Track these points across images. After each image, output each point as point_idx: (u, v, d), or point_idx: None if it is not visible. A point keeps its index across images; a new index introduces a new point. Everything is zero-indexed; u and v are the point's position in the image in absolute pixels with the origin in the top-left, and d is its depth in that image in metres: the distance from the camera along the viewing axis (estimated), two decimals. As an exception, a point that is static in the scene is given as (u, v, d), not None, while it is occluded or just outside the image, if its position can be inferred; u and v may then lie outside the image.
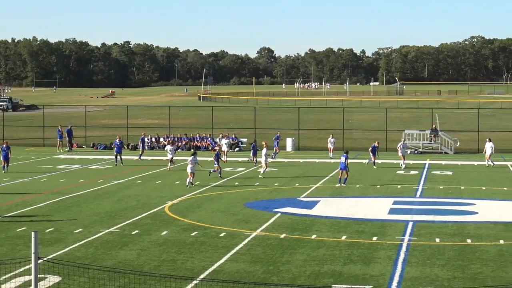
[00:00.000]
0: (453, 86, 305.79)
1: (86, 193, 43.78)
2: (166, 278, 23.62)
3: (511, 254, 28.23)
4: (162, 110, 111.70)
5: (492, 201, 41.94)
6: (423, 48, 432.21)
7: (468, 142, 74.77)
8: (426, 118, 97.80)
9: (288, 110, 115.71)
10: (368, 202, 40.81)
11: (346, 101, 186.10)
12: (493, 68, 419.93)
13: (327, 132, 78.26)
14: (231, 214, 36.77)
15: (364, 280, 24.52)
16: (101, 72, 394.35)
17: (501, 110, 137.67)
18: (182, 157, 64.84)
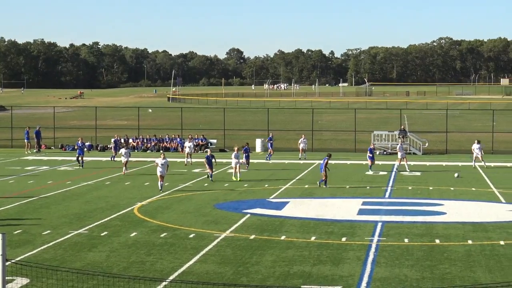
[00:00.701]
0: (421, 87, 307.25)
1: (54, 194, 43.59)
2: (135, 279, 23.59)
3: (479, 254, 28.40)
4: (131, 111, 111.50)
5: (460, 201, 42.14)
6: (391, 49, 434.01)
7: (436, 143, 75.20)
8: (394, 119, 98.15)
9: (258, 111, 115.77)
10: (337, 203, 40.91)
11: (315, 102, 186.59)
12: (461, 69, 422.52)
13: (296, 132, 78.53)
14: (201, 215, 36.75)
15: (334, 280, 24.57)
16: (70, 73, 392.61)
17: (469, 111, 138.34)
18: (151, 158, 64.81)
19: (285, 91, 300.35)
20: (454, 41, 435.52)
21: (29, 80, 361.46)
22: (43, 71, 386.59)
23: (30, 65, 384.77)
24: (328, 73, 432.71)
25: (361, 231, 32.98)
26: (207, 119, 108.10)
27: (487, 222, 35.34)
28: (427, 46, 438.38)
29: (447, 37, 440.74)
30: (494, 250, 29.21)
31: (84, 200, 41.31)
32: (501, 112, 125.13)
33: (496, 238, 31.40)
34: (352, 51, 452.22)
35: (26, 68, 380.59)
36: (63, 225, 33.91)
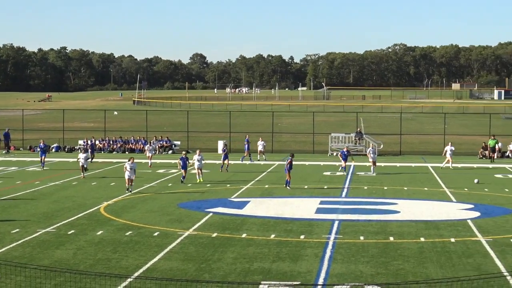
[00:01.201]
0: (377, 91, 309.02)
1: (23, 194, 43.32)
2: (101, 276, 23.50)
3: (431, 251, 28.59)
4: (98, 114, 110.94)
5: (413, 200, 42.38)
6: (348, 55, 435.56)
7: (391, 145, 75.59)
8: (351, 122, 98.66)
9: (220, 114, 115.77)
10: (296, 202, 40.97)
11: (275, 105, 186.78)
12: (414, 74, 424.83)
13: (257, 135, 78.47)
14: (165, 214, 36.69)
15: (292, 276, 24.63)
16: (38, 77, 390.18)
17: (422, 114, 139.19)
18: (117, 159, 64.62)
19: (247, 95, 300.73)
20: (408, 48, 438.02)
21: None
22: (12, 74, 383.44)
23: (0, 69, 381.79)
24: (288, 77, 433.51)
25: (318, 229, 33.07)
26: (171, 122, 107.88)
27: (439, 220, 35.58)
28: (382, 52, 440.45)
29: (402, 44, 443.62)
30: (445, 247, 29.42)
31: (52, 200, 41.07)
32: (452, 115, 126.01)
33: (447, 236, 31.62)
34: (311, 56, 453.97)
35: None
36: (31, 223, 33.71)
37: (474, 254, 28.14)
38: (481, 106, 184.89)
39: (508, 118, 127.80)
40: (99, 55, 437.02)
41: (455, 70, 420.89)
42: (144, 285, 23.35)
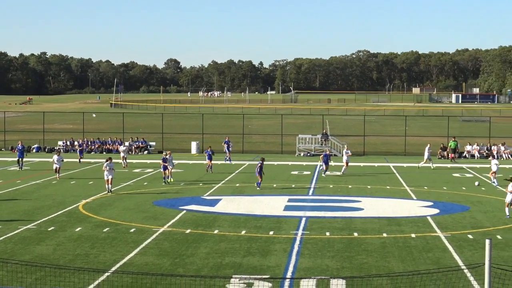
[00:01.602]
0: (341, 95, 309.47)
1: (5, 192, 43.06)
2: (80, 270, 23.39)
3: (392, 246, 28.71)
4: (77, 116, 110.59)
5: (376, 198, 42.52)
6: (315, 60, 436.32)
7: (355, 145, 75.75)
8: (317, 124, 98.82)
9: (193, 117, 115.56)
10: (265, 200, 41.00)
11: (246, 108, 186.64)
12: (377, 79, 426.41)
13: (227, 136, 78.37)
14: (141, 212, 36.61)
15: (262, 270, 24.64)
16: (19, 81, 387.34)
17: (384, 117, 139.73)
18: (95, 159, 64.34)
19: (218, 98, 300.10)
20: (371, 54, 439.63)
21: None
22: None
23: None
24: (257, 82, 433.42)
25: (287, 225, 33.11)
26: (146, 124, 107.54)
27: (400, 217, 35.74)
28: (347, 58, 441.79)
29: (365, 50, 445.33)
30: (406, 242, 29.55)
31: (33, 198, 40.85)
32: (413, 118, 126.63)
33: (408, 231, 31.76)
34: (279, 62, 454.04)
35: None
36: (13, 221, 33.50)
37: (434, 249, 28.28)
38: (440, 109, 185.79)
39: (465, 121, 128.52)
40: (78, 60, 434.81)
41: (415, 75, 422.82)
42: (121, 279, 23.26)
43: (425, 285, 22.59)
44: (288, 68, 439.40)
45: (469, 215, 36.38)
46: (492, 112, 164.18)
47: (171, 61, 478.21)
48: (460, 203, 40.53)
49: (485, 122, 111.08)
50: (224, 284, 22.79)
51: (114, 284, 22.69)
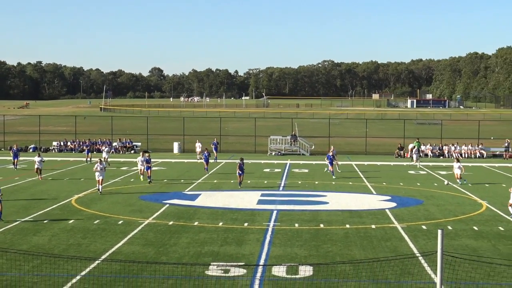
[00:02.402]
0: (309, 100, 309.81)
1: (4, 188, 42.55)
2: (73, 259, 23.31)
3: (355, 236, 28.78)
4: (69, 119, 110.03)
5: (340, 193, 42.57)
6: (285, 69, 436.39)
7: (321, 145, 75.86)
8: (287, 126, 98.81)
9: (175, 120, 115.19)
10: (240, 195, 40.95)
11: (223, 112, 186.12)
12: (340, 86, 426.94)
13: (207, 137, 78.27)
14: (128, 205, 36.48)
15: (237, 258, 24.63)
16: (17, 87, 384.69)
17: (347, 120, 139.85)
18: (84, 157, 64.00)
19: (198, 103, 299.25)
20: (335, 63, 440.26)
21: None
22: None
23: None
24: (233, 88, 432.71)
25: (260, 217, 33.10)
26: (133, 126, 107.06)
27: (361, 210, 35.83)
28: (314, 67, 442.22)
29: (330, 60, 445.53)
30: (367, 232, 29.64)
31: (30, 193, 40.60)
32: (373, 121, 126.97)
33: (368, 223, 31.86)
34: (253, 70, 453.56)
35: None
36: (11, 214, 33.29)
37: (391, 238, 28.39)
38: (397, 113, 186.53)
39: (420, 124, 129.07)
40: (70, 68, 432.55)
41: (375, 83, 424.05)
42: (110, 266, 23.20)
43: (384, 271, 22.68)
44: (261, 76, 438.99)
45: (423, 208, 36.54)
46: (443, 116, 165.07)
47: (155, 69, 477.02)
48: (415, 197, 40.70)
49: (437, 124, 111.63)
50: (204, 271, 22.75)
51: (104, 271, 22.62)
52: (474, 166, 61.32)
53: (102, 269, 22.88)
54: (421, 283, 21.45)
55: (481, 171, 56.82)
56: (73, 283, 21.11)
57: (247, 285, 21.16)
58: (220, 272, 22.67)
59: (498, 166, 61.56)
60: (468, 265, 22.71)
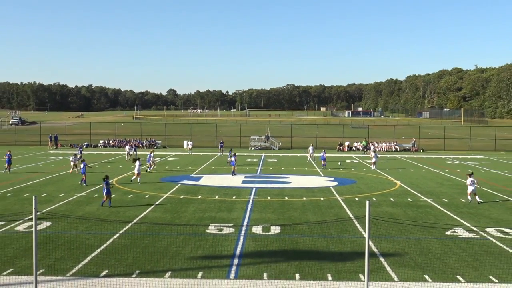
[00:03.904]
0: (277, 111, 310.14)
1: (66, 174, 42.43)
2: (114, 222, 23.22)
3: (309, 205, 28.82)
4: (111, 125, 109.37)
5: (299, 176, 42.63)
6: (260, 90, 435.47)
7: (286, 143, 75.91)
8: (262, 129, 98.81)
9: (185, 125, 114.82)
10: (230, 177, 40.89)
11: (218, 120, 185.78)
12: (299, 102, 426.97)
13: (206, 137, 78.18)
14: (152, 184, 36.32)
15: (228, 221, 24.60)
16: (75, 102, 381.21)
17: (304, 125, 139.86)
18: (123, 152, 63.59)
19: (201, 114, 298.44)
20: (295, 86, 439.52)
21: (51, 107, 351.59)
22: (59, 101, 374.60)
23: (51, 97, 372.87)
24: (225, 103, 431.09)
25: (244, 193, 33.07)
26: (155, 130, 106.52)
27: (314, 187, 35.89)
28: (281, 88, 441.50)
29: (291, 84, 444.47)
30: (317, 202, 29.68)
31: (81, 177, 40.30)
32: (321, 125, 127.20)
33: (318, 196, 31.90)
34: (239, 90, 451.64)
35: (49, 99, 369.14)
36: (71, 191, 33.07)
37: (334, 207, 28.45)
38: (338, 120, 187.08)
39: (354, 127, 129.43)
40: (112, 89, 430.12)
41: (323, 99, 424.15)
42: (140, 227, 23.11)
43: (329, 229, 22.72)
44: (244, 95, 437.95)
45: (356, 186, 36.66)
46: (369, 122, 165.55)
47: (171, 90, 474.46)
48: (350, 178, 40.82)
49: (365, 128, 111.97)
50: (205, 230, 22.70)
51: (136, 230, 22.51)
52: (391, 157, 61.63)
53: (134, 229, 22.77)
54: (355, 237, 21.52)
55: (395, 161, 57.09)
56: (114, 239, 21.00)
57: (235, 239, 21.13)
58: (216, 230, 22.63)
59: (407, 157, 61.88)
60: (387, 225, 22.83)
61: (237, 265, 17.92)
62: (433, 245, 20.52)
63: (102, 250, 19.50)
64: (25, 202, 29.14)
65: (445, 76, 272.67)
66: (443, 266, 18.06)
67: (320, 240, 21.06)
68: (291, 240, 21.06)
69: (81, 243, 20.30)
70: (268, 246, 20.18)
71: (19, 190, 33.31)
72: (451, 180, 39.99)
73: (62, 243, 20.32)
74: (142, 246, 20.07)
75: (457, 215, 26.58)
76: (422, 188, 35.75)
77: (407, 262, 18.39)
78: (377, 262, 18.20)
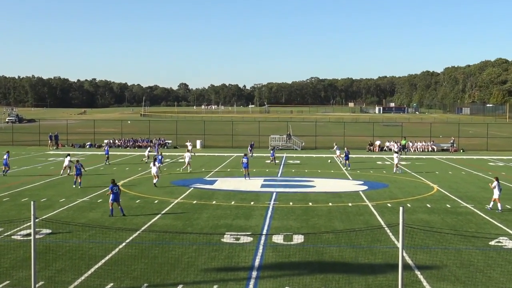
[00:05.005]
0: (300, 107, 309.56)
1: (67, 176, 42.70)
2: (120, 229, 23.32)
3: (336, 212, 28.73)
4: (117, 123, 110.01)
5: (324, 179, 42.52)
6: (281, 84, 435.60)
7: (309, 142, 75.77)
8: (283, 127, 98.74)
9: (198, 123, 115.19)
10: (247, 181, 40.89)
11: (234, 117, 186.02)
12: (324, 97, 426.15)
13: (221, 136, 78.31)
14: (162, 188, 36.45)
15: (246, 229, 24.60)
16: (77, 98, 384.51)
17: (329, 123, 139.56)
18: (130, 152, 63.97)
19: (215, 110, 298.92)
20: (320, 79, 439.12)
21: (51, 103, 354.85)
22: (59, 96, 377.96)
23: (51, 93, 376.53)
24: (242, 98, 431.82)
25: (263, 198, 33.07)
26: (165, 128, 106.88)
27: (341, 192, 35.78)
28: (304, 82, 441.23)
29: (316, 77, 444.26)
30: (345, 209, 29.58)
31: (86, 179, 40.44)
32: (349, 123, 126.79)
33: (346, 202, 31.81)
34: (257, 85, 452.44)
35: (49, 95, 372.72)
36: (72, 195, 33.32)
37: (364, 213, 28.34)
38: (367, 117, 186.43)
39: (385, 125, 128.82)
40: (118, 84, 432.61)
41: (351, 94, 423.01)
42: (148, 235, 23.19)
43: (358, 238, 22.63)
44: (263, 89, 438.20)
45: (388, 190, 36.48)
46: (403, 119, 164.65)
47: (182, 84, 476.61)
48: (382, 182, 40.64)
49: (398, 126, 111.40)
50: (220, 239, 22.72)
51: (144, 239, 22.60)
52: (427, 158, 61.24)
53: (142, 238, 22.86)
54: (387, 247, 21.39)
55: (432, 162, 56.70)
56: (120, 248, 21.10)
57: (253, 249, 21.12)
58: (233, 239, 22.64)
59: (445, 158, 61.43)
60: (422, 234, 22.67)
61: (256, 278, 17.90)
62: (475, 256, 20.33)
63: (107, 261, 19.60)
64: (22, 207, 29.41)
65: (488, 68, 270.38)
66: (487, 280, 17.88)
67: (348, 250, 20.96)
68: (315, 250, 20.99)
69: (84, 253, 20.42)
70: (290, 257, 20.13)
71: (16, 195, 33.63)
72: (495, 184, 39.61)
73: (63, 253, 20.46)
74: (150, 256, 20.14)
75: (502, 223, 26.32)
76: (462, 192, 35.47)
77: (445, 275, 18.24)
78: (412, 276, 18.08)
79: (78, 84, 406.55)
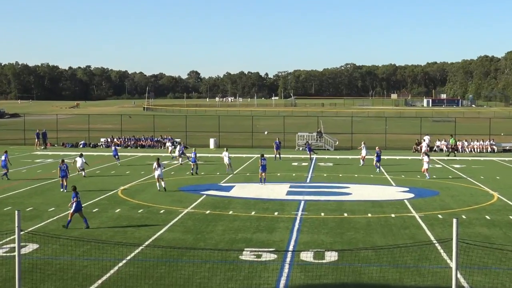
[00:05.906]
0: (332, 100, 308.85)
1: (57, 180, 42.99)
2: (119, 244, 23.40)
3: (376, 224, 28.63)
4: (115, 118, 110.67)
5: (362, 185, 42.41)
6: (311, 71, 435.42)
7: (344, 141, 75.58)
8: (313, 124, 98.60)
9: (211, 118, 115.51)
10: (270, 186, 40.91)
11: (254, 111, 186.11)
12: (362, 87, 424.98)
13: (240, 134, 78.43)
14: (169, 196, 36.58)
15: (269, 244, 24.59)
16: (68, 89, 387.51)
17: (368, 118, 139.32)
18: (131, 153, 64.28)
19: (232, 103, 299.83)
20: (357, 66, 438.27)
21: (38, 94, 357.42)
22: (48, 87, 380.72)
23: (38, 82, 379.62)
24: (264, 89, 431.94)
25: (289, 207, 33.05)
26: (172, 124, 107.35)
27: (382, 200, 35.67)
28: (337, 69, 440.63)
29: (352, 63, 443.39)
30: (387, 221, 29.48)
31: (80, 185, 40.51)
32: (391, 118, 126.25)
33: (388, 212, 31.69)
34: (282, 73, 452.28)
35: (35, 85, 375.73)
36: (64, 203, 33.49)
37: (410, 227, 28.21)
38: (414, 111, 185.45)
39: (435, 121, 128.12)
40: (116, 72, 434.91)
41: (393, 84, 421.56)
42: (153, 251, 23.28)
43: (403, 256, 22.53)
44: (289, 78, 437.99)
45: (439, 199, 36.29)
46: (457, 114, 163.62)
47: (193, 72, 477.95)
48: (431, 188, 40.43)
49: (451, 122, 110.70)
50: (238, 256, 22.74)
51: (148, 256, 22.70)
52: (486, 160, 60.78)
53: (146, 254, 22.96)
54: (438, 267, 21.26)
55: (492, 165, 56.28)
56: (120, 266, 21.20)
57: (278, 269, 21.11)
58: (253, 257, 22.65)
59: (508, 160, 60.89)
60: (481, 251, 22.48)
61: (281, 302, 17.89)
62: (545, 278, 20.15)
63: (104, 281, 19.70)
64: (5, 218, 29.66)
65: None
66: (559, 307, 17.70)
67: (391, 270, 20.87)
68: (352, 270, 20.92)
69: (77, 272, 20.54)
70: (322, 278, 20.10)
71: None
72: None
73: (53, 272, 20.59)
74: (156, 276, 20.21)
75: None
76: (528, 202, 35.18)
77: (509, 301, 18.09)
78: (468, 301, 17.95)
79: (70, 73, 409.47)
